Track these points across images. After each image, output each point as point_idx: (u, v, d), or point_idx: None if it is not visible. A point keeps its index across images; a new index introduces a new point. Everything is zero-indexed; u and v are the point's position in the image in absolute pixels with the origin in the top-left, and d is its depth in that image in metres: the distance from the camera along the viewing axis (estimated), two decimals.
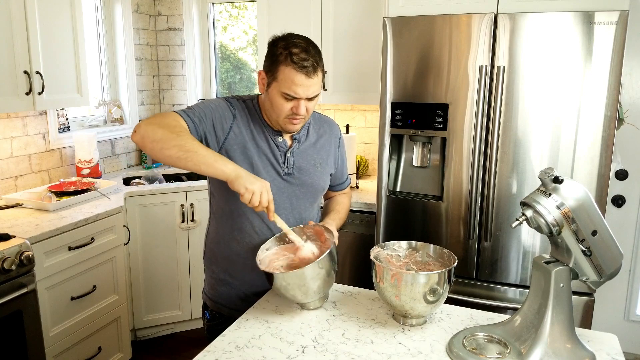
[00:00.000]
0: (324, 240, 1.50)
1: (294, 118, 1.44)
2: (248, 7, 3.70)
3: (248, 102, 1.54)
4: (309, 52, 1.39)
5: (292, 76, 1.37)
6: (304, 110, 1.43)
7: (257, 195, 1.27)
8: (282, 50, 1.38)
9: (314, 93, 1.42)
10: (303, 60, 1.36)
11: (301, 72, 1.37)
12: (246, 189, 1.26)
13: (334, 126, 1.69)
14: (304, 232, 1.52)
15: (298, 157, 1.55)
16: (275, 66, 1.39)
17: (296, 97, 1.40)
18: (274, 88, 1.42)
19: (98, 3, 3.37)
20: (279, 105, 1.42)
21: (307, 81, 1.38)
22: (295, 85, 1.38)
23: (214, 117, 1.44)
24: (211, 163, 1.28)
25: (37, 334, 2.06)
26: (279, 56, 1.39)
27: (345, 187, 1.79)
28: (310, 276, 1.32)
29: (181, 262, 3.02)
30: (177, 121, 1.36)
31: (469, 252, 2.26)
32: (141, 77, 3.64)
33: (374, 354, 1.21)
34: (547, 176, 1.16)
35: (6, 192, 2.64)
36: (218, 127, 1.45)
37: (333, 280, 1.43)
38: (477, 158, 2.17)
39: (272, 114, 1.47)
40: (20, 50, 2.31)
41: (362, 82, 2.85)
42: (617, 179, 2.79)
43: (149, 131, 1.29)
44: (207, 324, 1.67)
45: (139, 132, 1.31)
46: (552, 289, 1.18)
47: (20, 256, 1.93)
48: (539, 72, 2.05)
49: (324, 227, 1.49)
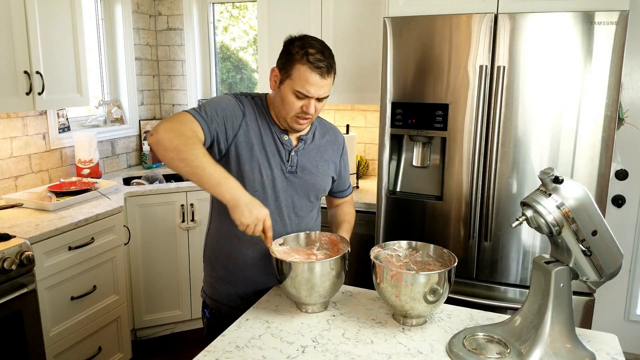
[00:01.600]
0: (337, 250, 1.52)
1: (302, 117, 1.47)
2: (249, 7, 3.70)
3: (257, 100, 1.57)
4: (324, 54, 1.43)
5: (307, 75, 1.41)
6: (313, 110, 1.46)
7: (251, 227, 1.31)
8: (298, 50, 1.42)
9: (325, 94, 1.46)
10: (319, 61, 1.41)
11: (316, 71, 1.41)
12: (241, 223, 1.30)
13: (338, 135, 1.73)
14: (319, 240, 1.54)
15: (302, 157, 1.57)
16: (291, 64, 1.43)
17: (308, 96, 1.43)
18: (287, 85, 1.45)
19: (98, 3, 3.37)
20: (290, 102, 1.45)
21: (320, 81, 1.42)
22: (309, 84, 1.41)
23: (225, 115, 1.47)
24: (213, 185, 1.31)
25: (37, 334, 2.06)
26: (295, 55, 1.42)
27: (347, 194, 1.81)
28: (320, 273, 1.33)
29: (181, 262, 3.02)
30: (193, 130, 1.38)
31: (469, 252, 2.26)
32: (141, 77, 3.64)
33: (374, 354, 1.21)
34: (547, 176, 1.16)
35: (6, 192, 2.64)
36: (229, 125, 1.47)
37: (340, 285, 1.43)
38: (477, 158, 2.17)
39: (282, 111, 1.49)
40: (20, 50, 2.31)
41: (362, 82, 2.85)
42: (617, 179, 2.79)
43: (165, 139, 1.32)
44: (207, 322, 1.68)
45: (156, 135, 1.33)
46: (552, 289, 1.18)
47: (20, 256, 1.93)
48: (539, 72, 2.05)
49: (340, 237, 1.52)
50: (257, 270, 1.55)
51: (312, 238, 1.55)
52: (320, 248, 1.54)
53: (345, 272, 1.41)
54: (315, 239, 1.55)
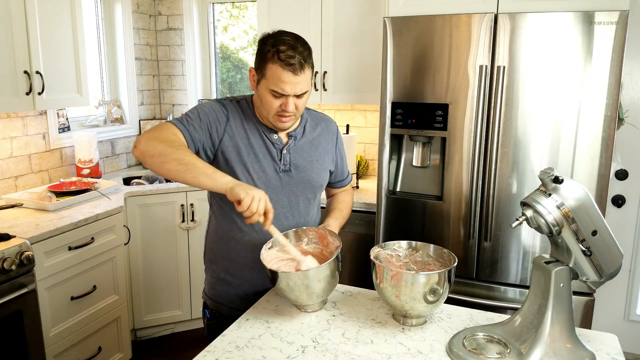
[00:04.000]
0: (327, 244, 1.50)
1: (283, 115, 1.46)
2: (248, 7, 3.70)
3: (242, 102, 1.56)
4: (296, 49, 1.40)
5: (279, 73, 1.39)
6: (293, 108, 1.44)
7: (255, 201, 1.26)
8: (270, 48, 1.40)
9: (302, 90, 1.44)
10: (290, 58, 1.38)
11: (288, 69, 1.39)
12: (247, 193, 1.25)
13: (330, 123, 1.70)
14: (307, 234, 1.52)
15: (294, 154, 1.56)
16: (264, 63, 1.42)
17: (284, 94, 1.42)
18: (262, 85, 1.44)
19: (98, 3, 3.37)
20: (268, 102, 1.44)
21: (294, 78, 1.40)
22: (283, 83, 1.40)
23: (209, 121, 1.47)
24: (210, 174, 1.31)
25: (37, 334, 2.06)
26: (267, 53, 1.41)
27: (346, 184, 1.79)
28: (316, 278, 1.32)
29: (181, 262, 3.02)
30: (175, 134, 1.39)
31: (469, 252, 2.26)
32: (141, 77, 3.64)
33: (374, 354, 1.21)
34: (547, 176, 1.16)
35: (6, 192, 2.64)
36: (213, 131, 1.47)
37: (337, 282, 1.43)
38: (477, 158, 2.17)
39: (263, 111, 1.49)
40: (20, 50, 2.31)
41: (362, 82, 2.85)
42: (617, 179, 2.79)
43: (149, 146, 1.33)
44: (207, 323, 1.68)
45: (139, 147, 1.35)
46: (552, 289, 1.18)
47: (20, 256, 1.93)
48: (539, 72, 2.05)
49: (328, 231, 1.50)
50: (257, 271, 1.55)
51: (299, 233, 1.52)
52: (309, 243, 1.52)
53: (339, 270, 1.40)
54: (301, 237, 1.52)
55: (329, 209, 1.71)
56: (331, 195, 1.80)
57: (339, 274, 1.41)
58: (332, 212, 1.67)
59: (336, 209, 1.69)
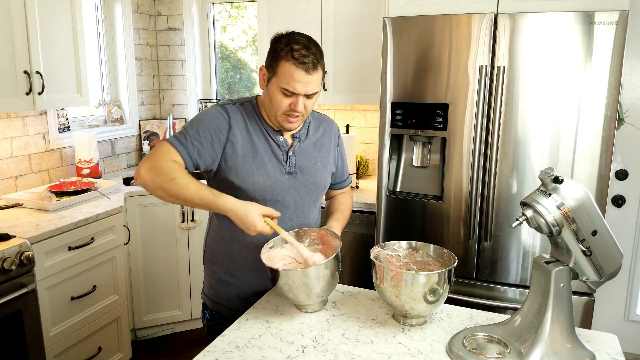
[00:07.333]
0: (329, 244, 1.50)
1: (292, 115, 1.45)
2: (248, 7, 3.70)
3: (246, 105, 1.54)
4: (309, 49, 1.41)
5: (292, 71, 1.39)
6: (302, 107, 1.44)
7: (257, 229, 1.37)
8: (283, 47, 1.41)
9: (313, 90, 1.44)
10: (303, 57, 1.39)
11: (301, 67, 1.39)
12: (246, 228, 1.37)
13: (332, 125, 1.70)
14: (308, 235, 1.53)
15: (299, 156, 1.56)
16: (276, 61, 1.42)
17: (295, 93, 1.41)
18: (273, 83, 1.44)
19: (98, 3, 3.37)
20: (278, 101, 1.44)
21: (306, 77, 1.40)
22: (295, 81, 1.40)
23: (211, 133, 1.46)
24: (207, 205, 1.39)
25: (37, 334, 2.06)
26: (280, 52, 1.41)
27: (346, 185, 1.79)
28: (315, 277, 1.32)
29: (181, 262, 3.02)
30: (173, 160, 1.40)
31: (469, 252, 2.26)
32: (141, 77, 3.64)
33: (374, 354, 1.21)
34: (547, 176, 1.16)
35: (6, 192, 2.64)
36: (215, 142, 1.46)
37: (336, 282, 1.43)
38: (477, 158, 2.17)
39: (271, 110, 1.48)
40: (20, 50, 2.31)
41: (362, 82, 2.85)
42: (617, 179, 2.79)
43: (148, 180, 1.38)
44: (207, 324, 1.67)
45: (140, 179, 1.39)
46: (552, 289, 1.18)
47: (20, 256, 1.93)
48: (539, 72, 2.05)
49: (329, 231, 1.50)
50: (258, 272, 1.54)
51: (301, 234, 1.52)
52: (310, 244, 1.52)
53: (339, 270, 1.40)
54: (303, 237, 1.52)
55: (330, 210, 1.71)
56: (331, 197, 1.80)
57: (339, 274, 1.41)
58: (333, 214, 1.67)
59: (337, 210, 1.69)
